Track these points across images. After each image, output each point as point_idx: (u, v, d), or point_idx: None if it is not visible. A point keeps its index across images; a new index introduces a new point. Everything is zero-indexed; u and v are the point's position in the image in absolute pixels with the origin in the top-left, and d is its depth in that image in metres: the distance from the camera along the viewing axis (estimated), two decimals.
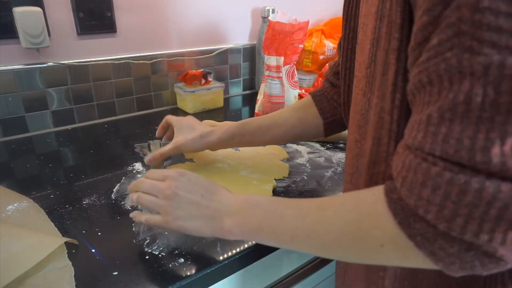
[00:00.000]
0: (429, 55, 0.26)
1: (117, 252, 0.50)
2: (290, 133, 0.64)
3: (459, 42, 0.24)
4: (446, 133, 0.25)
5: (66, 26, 0.88)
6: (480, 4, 0.22)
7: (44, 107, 0.89)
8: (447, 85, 0.25)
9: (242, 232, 0.41)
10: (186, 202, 0.44)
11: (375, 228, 0.31)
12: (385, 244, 0.30)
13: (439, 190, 0.25)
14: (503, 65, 0.22)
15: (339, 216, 0.34)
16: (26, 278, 0.43)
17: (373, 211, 0.31)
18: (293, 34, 0.93)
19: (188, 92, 1.01)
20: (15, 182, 0.67)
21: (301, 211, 0.38)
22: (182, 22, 1.06)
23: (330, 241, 0.35)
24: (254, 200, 0.42)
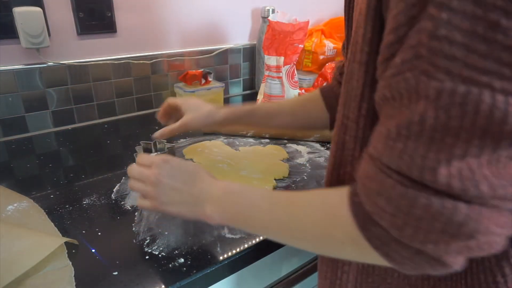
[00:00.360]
0: (393, 72, 0.27)
1: (117, 252, 0.50)
2: (296, 123, 0.67)
3: (418, 64, 0.25)
4: (401, 149, 0.26)
5: (66, 26, 0.88)
6: (437, 31, 0.24)
7: (44, 107, 0.89)
8: (406, 103, 0.26)
9: (221, 219, 0.44)
10: (169, 188, 0.45)
11: (338, 228, 0.33)
12: (345, 243, 0.33)
13: (392, 201, 0.27)
14: (454, 92, 0.24)
15: (307, 213, 0.36)
16: (26, 278, 0.43)
17: (337, 212, 0.33)
18: (293, 34, 0.93)
19: (188, 92, 1.01)
20: (15, 182, 0.67)
21: (272, 205, 0.40)
22: (182, 22, 1.06)
23: (298, 236, 0.37)
24: (232, 189, 0.44)
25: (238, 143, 0.84)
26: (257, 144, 0.84)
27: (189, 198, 0.45)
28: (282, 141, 0.85)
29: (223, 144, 0.82)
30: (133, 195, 0.62)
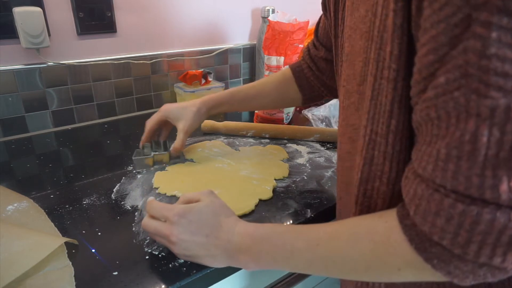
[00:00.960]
0: (437, 92, 0.27)
1: (117, 252, 0.50)
2: (272, 103, 0.76)
3: (466, 83, 0.25)
4: (455, 170, 0.26)
5: (66, 26, 0.88)
6: (487, 50, 0.24)
7: (44, 107, 0.89)
8: (455, 122, 0.26)
9: (259, 266, 0.43)
10: (192, 245, 0.44)
11: (392, 255, 0.32)
12: (402, 268, 0.32)
13: (453, 220, 0.27)
14: (509, 108, 0.24)
15: (353, 246, 0.35)
16: (26, 278, 0.43)
17: (388, 239, 0.33)
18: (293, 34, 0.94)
19: (188, 92, 1.01)
20: (15, 182, 0.67)
21: (311, 242, 0.38)
22: (182, 22, 1.06)
23: (347, 269, 0.37)
24: (261, 235, 0.42)
25: (238, 143, 0.84)
26: (257, 144, 0.84)
27: (216, 251, 0.44)
28: (282, 141, 0.85)
29: (223, 144, 0.82)
30: (133, 195, 0.62)
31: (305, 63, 0.69)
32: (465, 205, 0.26)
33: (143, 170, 0.70)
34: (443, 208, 0.28)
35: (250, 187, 0.64)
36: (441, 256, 0.29)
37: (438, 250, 0.29)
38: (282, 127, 0.87)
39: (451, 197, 0.27)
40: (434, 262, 0.29)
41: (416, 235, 0.30)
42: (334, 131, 0.85)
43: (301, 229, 0.41)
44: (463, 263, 0.28)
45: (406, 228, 0.31)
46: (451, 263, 0.29)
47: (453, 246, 0.28)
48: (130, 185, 0.65)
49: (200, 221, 0.44)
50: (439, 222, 0.28)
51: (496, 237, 0.26)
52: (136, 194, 0.62)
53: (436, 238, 0.29)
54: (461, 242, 0.27)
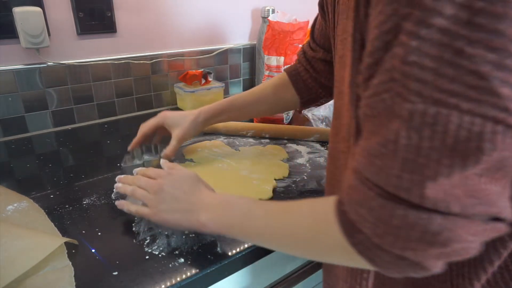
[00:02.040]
0: (371, 92, 0.29)
1: (117, 252, 0.50)
2: (271, 109, 0.75)
3: (393, 86, 0.27)
4: (379, 166, 0.29)
5: (66, 26, 0.88)
6: (408, 57, 0.25)
7: (44, 107, 0.89)
8: (384, 121, 0.28)
9: (215, 226, 0.45)
10: (169, 197, 0.49)
11: (326, 235, 0.35)
12: (334, 248, 0.35)
13: (373, 211, 0.29)
14: (425, 113, 0.25)
15: (297, 221, 0.38)
16: (26, 278, 0.43)
17: (325, 219, 0.35)
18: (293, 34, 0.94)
19: (188, 92, 1.01)
20: (15, 182, 0.67)
21: (267, 213, 0.42)
22: (182, 22, 1.06)
23: (288, 242, 0.40)
24: (230, 200, 0.47)
25: (238, 143, 0.84)
26: (257, 144, 0.84)
27: (186, 205, 0.48)
28: (282, 141, 0.85)
29: (223, 144, 0.82)
30: None
31: (301, 65, 0.69)
32: (384, 199, 0.28)
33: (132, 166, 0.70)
34: (366, 199, 0.30)
35: (250, 187, 0.64)
36: (364, 243, 0.31)
37: (362, 237, 0.31)
38: (282, 127, 0.87)
39: (373, 191, 0.29)
40: (359, 247, 0.32)
41: (346, 220, 0.32)
42: None
43: (265, 202, 0.45)
44: (383, 253, 0.30)
45: (339, 212, 0.33)
46: (372, 251, 0.31)
47: (372, 235, 0.30)
48: None
49: (183, 180, 0.50)
50: (362, 212, 0.30)
51: (407, 232, 0.28)
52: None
53: (359, 226, 0.31)
54: (379, 232, 0.29)
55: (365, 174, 0.30)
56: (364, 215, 0.30)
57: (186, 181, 0.50)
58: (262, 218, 0.42)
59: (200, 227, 0.46)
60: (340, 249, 0.34)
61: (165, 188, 0.49)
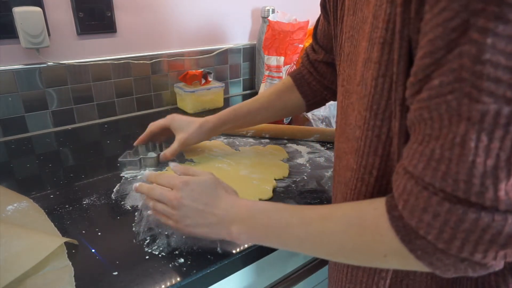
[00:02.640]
0: (431, 94, 0.28)
1: (117, 252, 0.50)
2: (276, 115, 0.73)
3: (459, 87, 0.25)
4: (445, 171, 0.27)
5: (66, 26, 0.88)
6: (482, 56, 0.24)
7: (44, 107, 0.89)
8: (447, 124, 0.27)
9: (249, 238, 0.45)
10: (191, 211, 0.47)
11: (378, 242, 0.34)
12: (388, 255, 0.33)
13: (439, 217, 0.28)
14: (498, 114, 0.25)
15: (343, 229, 0.37)
16: (26, 278, 0.43)
17: (376, 226, 0.34)
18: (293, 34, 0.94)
19: (188, 92, 1.01)
20: (15, 182, 0.67)
21: (304, 220, 0.40)
22: (182, 22, 1.06)
23: (334, 250, 0.38)
24: (259, 208, 0.45)
25: (238, 143, 0.84)
26: (257, 144, 0.84)
27: (212, 219, 0.46)
28: (282, 141, 0.85)
29: (223, 144, 0.82)
30: (133, 195, 0.62)
31: (305, 68, 0.69)
32: (452, 204, 0.28)
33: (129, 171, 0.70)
34: (430, 205, 0.29)
35: (250, 187, 0.64)
36: (425, 249, 0.30)
37: (423, 243, 0.30)
38: (282, 127, 0.87)
39: (439, 196, 0.28)
40: (418, 253, 0.31)
41: (402, 226, 0.31)
42: (334, 131, 0.85)
43: (297, 208, 0.42)
44: (446, 256, 0.29)
45: (393, 219, 0.32)
46: (434, 256, 0.30)
47: (437, 240, 0.29)
48: (130, 185, 0.65)
49: (201, 190, 0.48)
50: (426, 218, 0.29)
51: (479, 235, 0.27)
52: (136, 194, 0.62)
53: (422, 232, 0.30)
54: (446, 237, 0.28)
55: (426, 179, 0.29)
56: (428, 221, 0.29)
57: (204, 190, 0.48)
58: (298, 227, 0.40)
59: (234, 239, 0.46)
60: (395, 255, 0.33)
61: (184, 203, 0.47)
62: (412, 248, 0.31)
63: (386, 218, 0.33)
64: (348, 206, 0.38)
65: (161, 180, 0.51)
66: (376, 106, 0.36)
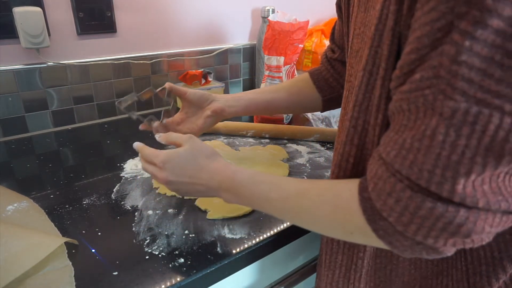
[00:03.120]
0: (411, 87, 0.29)
1: (117, 252, 0.50)
2: (292, 107, 0.73)
3: (436, 83, 0.27)
4: (412, 161, 0.30)
5: (66, 26, 0.88)
6: (459, 57, 0.26)
7: (44, 107, 0.89)
8: (422, 117, 0.29)
9: (241, 203, 0.47)
10: (180, 184, 0.49)
11: (348, 221, 0.36)
12: (354, 232, 0.37)
13: (401, 202, 0.31)
14: (467, 112, 0.26)
15: (318, 206, 0.39)
16: (26, 278, 0.43)
17: (348, 206, 0.36)
18: (293, 34, 0.93)
19: None
20: (15, 182, 0.67)
21: (282, 195, 0.43)
22: (182, 22, 1.06)
23: (309, 224, 0.42)
24: (239, 180, 0.46)
25: (238, 143, 0.84)
26: (257, 144, 0.84)
27: (201, 188, 0.49)
28: (282, 141, 0.85)
29: (223, 144, 0.82)
30: (133, 195, 0.62)
31: (323, 66, 0.70)
32: (413, 191, 0.30)
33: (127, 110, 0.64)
34: (395, 190, 0.31)
35: None
36: (386, 230, 0.33)
37: (385, 224, 0.33)
38: (282, 127, 0.87)
39: (403, 183, 0.30)
40: (380, 232, 0.33)
41: (369, 207, 0.34)
42: (334, 131, 0.85)
43: (276, 181, 0.45)
44: (404, 238, 0.32)
45: (362, 200, 0.34)
46: (393, 236, 0.33)
47: (397, 223, 0.31)
48: (130, 185, 0.65)
49: (181, 165, 0.49)
50: (389, 202, 0.31)
51: (432, 222, 0.29)
52: (136, 194, 0.62)
53: (385, 214, 0.32)
54: (404, 221, 0.31)
55: (395, 166, 0.31)
56: (391, 205, 0.31)
57: (186, 163, 0.49)
58: (278, 201, 0.43)
59: (226, 201, 0.48)
60: (360, 233, 0.36)
61: (170, 179, 0.49)
62: (375, 228, 0.33)
63: (357, 199, 0.35)
64: (325, 184, 0.41)
65: (143, 158, 0.52)
66: (355, 98, 0.38)
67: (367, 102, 0.37)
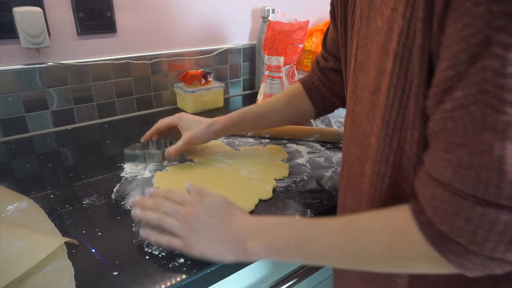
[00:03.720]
0: (454, 105, 0.29)
1: (117, 252, 0.50)
2: (285, 119, 0.73)
3: (483, 98, 0.27)
4: (475, 178, 0.29)
5: (66, 26, 0.88)
6: (504, 70, 0.26)
7: (44, 107, 0.89)
8: (471, 133, 0.28)
9: (267, 252, 0.43)
10: (206, 226, 0.46)
11: (409, 248, 0.35)
12: (418, 259, 0.35)
13: (472, 220, 0.30)
14: None
15: (372, 236, 0.37)
16: (26, 278, 0.43)
17: (406, 232, 0.35)
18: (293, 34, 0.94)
19: (188, 92, 1.01)
20: (15, 182, 0.67)
21: (330, 231, 0.40)
22: (182, 22, 1.06)
23: (363, 260, 0.38)
24: (277, 222, 0.45)
25: (238, 143, 0.84)
26: (257, 144, 0.84)
27: (227, 235, 0.45)
28: (282, 141, 0.85)
29: (223, 144, 0.82)
30: (133, 195, 0.62)
31: (315, 75, 0.69)
32: (484, 207, 0.29)
33: (134, 164, 0.71)
34: (463, 210, 0.30)
35: (250, 187, 0.64)
36: (456, 251, 0.31)
37: (454, 246, 0.31)
38: (282, 127, 0.87)
39: (470, 200, 0.29)
40: (449, 256, 0.32)
41: (432, 231, 0.32)
42: (334, 131, 0.85)
43: (318, 220, 0.42)
44: (475, 257, 0.31)
45: (421, 223, 0.33)
46: (464, 257, 0.31)
47: (470, 243, 0.30)
48: (130, 185, 0.65)
49: (217, 208, 0.47)
50: (458, 223, 0.30)
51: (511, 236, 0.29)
52: (136, 194, 0.62)
53: (454, 236, 0.31)
54: (479, 240, 0.30)
55: (456, 185, 0.30)
56: (460, 226, 0.30)
57: (221, 207, 0.48)
58: (324, 238, 0.40)
59: (249, 256, 0.44)
60: (426, 260, 0.34)
61: (200, 218, 0.46)
62: (443, 251, 0.32)
63: (414, 224, 0.34)
64: (372, 214, 0.39)
65: (173, 196, 0.50)
66: (387, 116, 0.37)
67: (401, 120, 0.36)
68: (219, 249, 0.45)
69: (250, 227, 0.45)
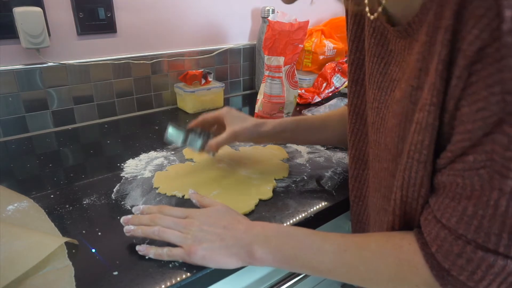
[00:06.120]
0: (464, 166, 0.33)
1: (117, 252, 0.50)
2: (336, 137, 0.69)
3: (491, 165, 0.31)
4: (477, 226, 0.33)
5: (66, 26, 0.88)
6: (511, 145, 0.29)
7: (44, 107, 0.89)
8: (479, 189, 0.32)
9: (274, 260, 0.44)
10: (209, 234, 0.46)
11: (413, 274, 0.38)
12: (420, 285, 0.38)
13: (472, 262, 0.34)
14: None
15: (380, 258, 0.40)
16: (26, 278, 0.43)
17: (412, 259, 0.39)
18: (293, 34, 0.93)
19: (188, 92, 1.01)
20: (15, 182, 0.68)
21: (339, 247, 0.43)
22: (182, 22, 1.06)
23: (368, 278, 0.41)
24: (287, 230, 0.46)
25: (238, 143, 0.84)
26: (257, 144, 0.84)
27: (232, 241, 0.45)
28: None
29: None
30: (133, 195, 0.62)
31: None
32: (484, 252, 0.33)
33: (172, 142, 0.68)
34: (465, 252, 0.34)
35: (250, 187, 0.64)
36: (455, 285, 0.36)
37: (454, 280, 0.36)
38: None
39: (472, 245, 0.34)
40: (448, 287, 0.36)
41: (436, 264, 0.37)
42: None
43: (327, 234, 0.44)
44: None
45: (427, 255, 0.38)
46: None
47: (468, 280, 0.34)
48: (130, 185, 0.65)
49: (219, 216, 0.48)
50: (459, 262, 0.35)
51: (504, 277, 0.33)
52: (136, 194, 0.62)
53: (454, 273, 0.35)
54: (476, 278, 0.34)
55: (459, 231, 0.34)
56: (461, 265, 0.35)
57: (223, 215, 0.48)
58: (333, 253, 0.42)
59: (255, 261, 0.44)
60: (426, 286, 0.38)
61: (203, 227, 0.46)
62: (443, 283, 0.36)
63: (420, 254, 0.38)
64: (382, 237, 0.42)
65: (170, 211, 0.50)
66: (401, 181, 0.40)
67: (413, 181, 0.39)
68: (223, 255, 0.45)
69: (256, 232, 0.45)
